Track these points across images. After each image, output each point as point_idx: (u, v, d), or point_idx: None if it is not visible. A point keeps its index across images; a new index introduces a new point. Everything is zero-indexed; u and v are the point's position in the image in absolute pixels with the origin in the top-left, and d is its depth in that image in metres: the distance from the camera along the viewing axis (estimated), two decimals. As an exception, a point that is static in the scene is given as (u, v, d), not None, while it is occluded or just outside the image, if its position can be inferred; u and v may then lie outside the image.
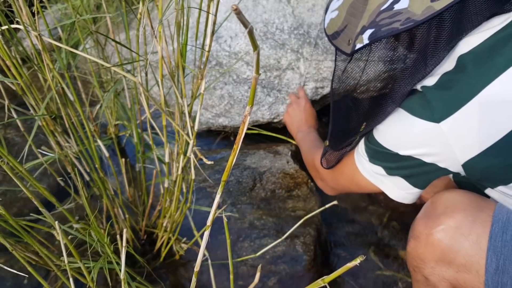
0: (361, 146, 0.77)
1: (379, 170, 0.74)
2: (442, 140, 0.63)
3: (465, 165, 0.64)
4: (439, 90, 0.63)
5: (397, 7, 0.63)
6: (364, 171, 0.78)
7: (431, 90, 0.64)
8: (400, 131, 0.68)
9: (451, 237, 0.62)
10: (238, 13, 0.23)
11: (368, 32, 0.65)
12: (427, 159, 0.66)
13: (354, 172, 0.80)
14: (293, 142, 1.29)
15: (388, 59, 0.69)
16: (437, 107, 0.62)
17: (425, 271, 0.67)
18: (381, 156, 0.72)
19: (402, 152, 0.68)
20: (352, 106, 0.80)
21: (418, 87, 0.66)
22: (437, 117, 0.62)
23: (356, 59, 0.71)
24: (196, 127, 0.67)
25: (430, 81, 0.65)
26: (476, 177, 0.66)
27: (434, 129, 0.62)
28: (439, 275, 0.65)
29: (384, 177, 0.74)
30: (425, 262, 0.66)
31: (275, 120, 1.32)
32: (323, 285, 0.39)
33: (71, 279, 0.59)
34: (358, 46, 0.66)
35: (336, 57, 0.78)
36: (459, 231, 0.61)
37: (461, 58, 0.62)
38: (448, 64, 0.64)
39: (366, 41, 0.65)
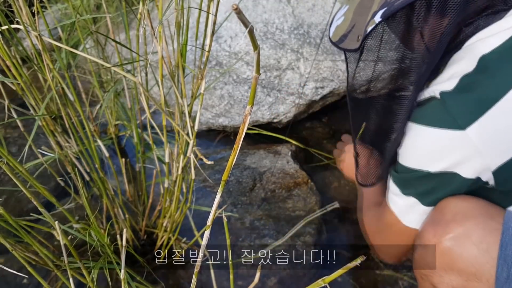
0: (390, 183, 0.74)
1: (414, 202, 0.70)
2: (470, 147, 0.59)
3: (496, 172, 0.61)
4: (460, 94, 0.60)
5: None
6: (400, 213, 0.73)
7: (451, 95, 0.61)
8: (425, 146, 0.65)
9: (461, 245, 0.60)
10: (239, 12, 0.23)
11: (380, 12, 0.62)
12: (459, 171, 0.63)
13: (394, 220, 0.75)
14: (293, 142, 1.29)
15: (405, 38, 0.65)
16: (460, 112, 0.59)
17: (434, 279, 0.65)
18: (413, 181, 0.69)
19: (433, 168, 0.64)
20: (373, 109, 0.77)
21: (437, 93, 0.63)
22: (461, 123, 0.59)
23: (369, 46, 0.67)
24: (196, 127, 0.67)
25: (448, 84, 0.62)
26: (507, 186, 0.63)
27: (460, 136, 0.59)
28: (448, 283, 0.63)
29: (419, 208, 0.70)
30: (434, 270, 0.64)
31: (275, 120, 1.32)
32: (323, 285, 0.39)
33: (71, 279, 0.59)
34: (370, 28, 0.63)
35: (346, 62, 0.74)
36: (470, 240, 0.59)
37: (483, 59, 0.60)
38: (468, 65, 0.62)
39: (378, 19, 0.62)
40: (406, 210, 0.72)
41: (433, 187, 0.67)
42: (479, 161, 0.61)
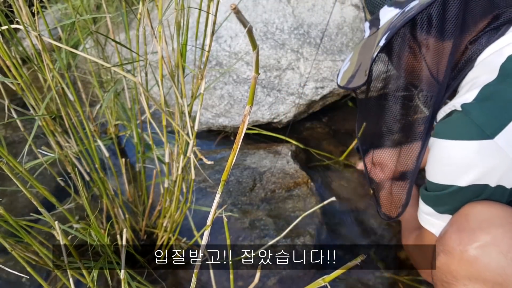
0: (421, 203, 0.73)
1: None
2: (501, 156, 0.58)
3: None
4: (483, 103, 0.60)
5: (407, 8, 0.64)
6: (437, 230, 0.71)
7: (474, 105, 0.61)
8: (453, 160, 0.63)
9: (488, 254, 0.58)
10: (237, 12, 0.23)
11: (383, 37, 0.65)
12: (490, 181, 0.61)
13: (433, 240, 0.73)
14: (293, 142, 1.29)
15: (411, 53, 0.67)
16: (487, 121, 0.59)
17: None
18: (446, 198, 0.67)
19: (464, 182, 0.63)
20: (388, 136, 0.77)
21: (458, 106, 0.63)
22: (489, 132, 0.58)
23: (377, 70, 0.69)
24: (196, 127, 0.67)
25: (469, 96, 0.62)
26: None
27: (489, 146, 0.58)
28: None
29: None
30: (457, 279, 0.62)
31: (275, 120, 1.32)
32: (323, 284, 0.39)
33: (71, 279, 0.59)
34: (376, 53, 0.65)
35: (358, 103, 0.76)
36: (498, 249, 0.57)
37: (503, 67, 0.60)
38: (488, 75, 0.62)
39: (383, 42, 0.64)
40: (443, 225, 0.69)
41: (468, 200, 0.65)
42: (510, 169, 0.59)
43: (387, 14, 0.68)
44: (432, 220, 0.72)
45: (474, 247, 0.59)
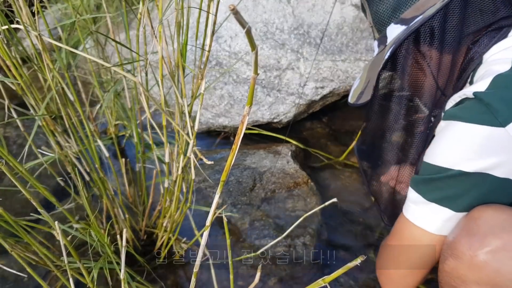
0: (410, 191, 0.70)
1: (437, 208, 0.65)
2: (511, 146, 0.57)
3: None
4: (497, 92, 0.59)
5: (412, 23, 0.66)
6: (423, 221, 0.68)
7: (487, 93, 0.60)
8: (461, 142, 0.61)
9: (498, 260, 0.57)
10: (236, 13, 0.23)
11: (389, 51, 0.67)
12: (498, 173, 0.59)
13: (414, 234, 0.69)
14: (293, 142, 1.29)
15: (415, 65, 0.69)
16: (500, 109, 0.57)
17: None
18: (440, 183, 0.64)
19: (467, 167, 0.60)
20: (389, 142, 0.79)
21: (469, 94, 0.62)
22: (501, 120, 0.57)
23: (383, 80, 0.71)
24: (196, 127, 0.67)
25: (480, 86, 0.61)
26: None
27: (501, 134, 0.57)
28: None
29: (451, 218, 0.65)
30: (466, 283, 0.61)
31: (275, 120, 1.32)
32: (323, 285, 0.39)
33: (71, 280, 0.59)
34: (381, 66, 0.67)
35: (366, 117, 0.78)
36: (508, 254, 0.56)
37: None
38: (500, 66, 0.62)
39: (388, 55, 0.66)
40: (430, 216, 0.67)
41: (464, 189, 0.63)
42: None
43: (394, 31, 0.70)
44: (415, 209, 0.69)
45: (484, 252, 0.58)
